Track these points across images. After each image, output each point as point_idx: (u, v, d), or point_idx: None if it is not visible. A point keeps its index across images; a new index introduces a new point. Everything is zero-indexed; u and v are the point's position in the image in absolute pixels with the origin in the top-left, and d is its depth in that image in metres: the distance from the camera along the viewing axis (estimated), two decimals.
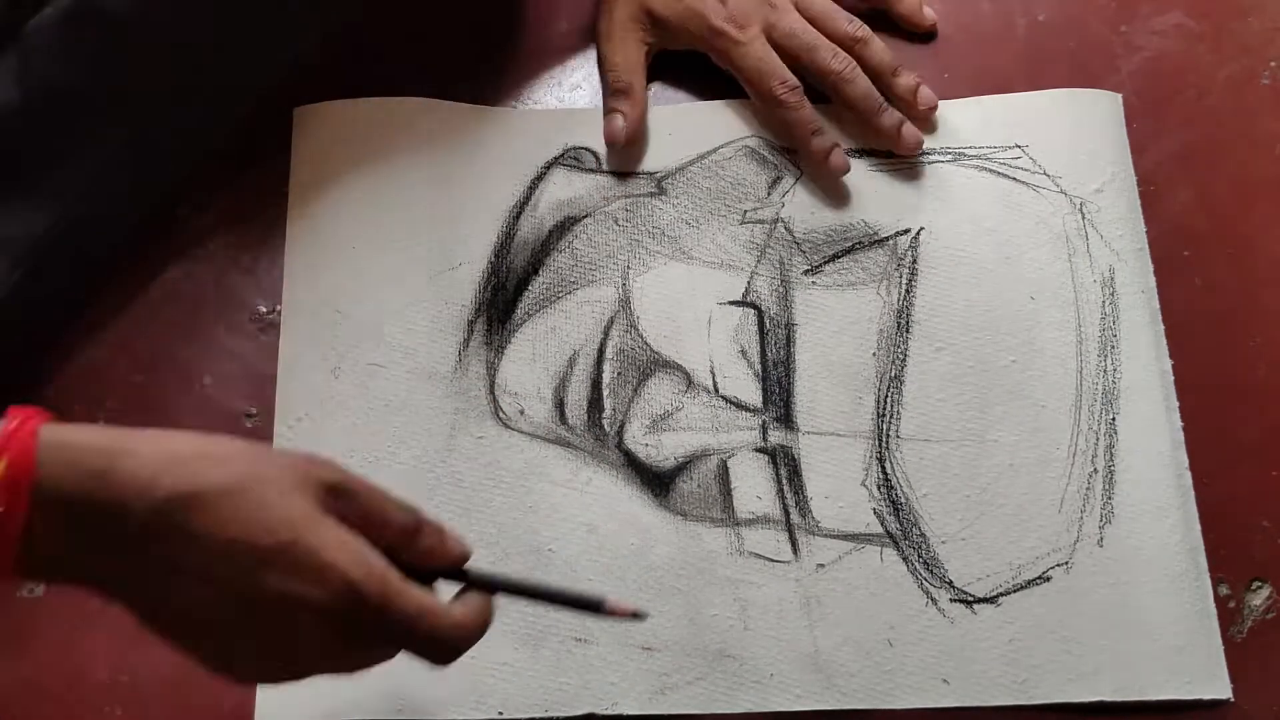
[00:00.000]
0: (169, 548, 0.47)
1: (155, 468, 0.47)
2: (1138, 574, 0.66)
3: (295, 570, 0.48)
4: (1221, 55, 0.81)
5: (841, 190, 0.76)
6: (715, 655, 0.65)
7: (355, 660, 0.53)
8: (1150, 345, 0.72)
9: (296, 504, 0.49)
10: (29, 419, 0.47)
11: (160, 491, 0.47)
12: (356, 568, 0.49)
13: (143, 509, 0.47)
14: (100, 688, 0.64)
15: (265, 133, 0.77)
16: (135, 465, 0.47)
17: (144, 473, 0.47)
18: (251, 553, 0.48)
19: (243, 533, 0.48)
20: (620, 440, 0.70)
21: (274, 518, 0.48)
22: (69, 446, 0.47)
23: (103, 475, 0.47)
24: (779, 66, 0.76)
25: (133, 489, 0.47)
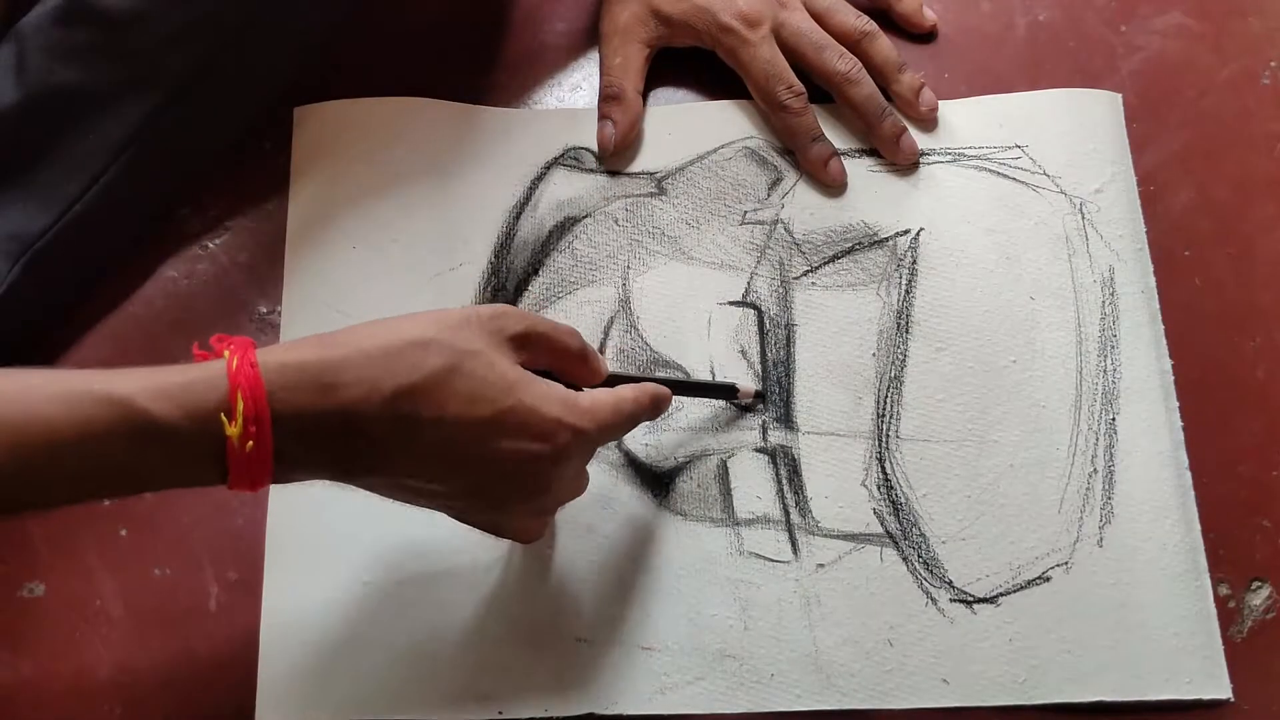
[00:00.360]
0: (404, 437, 0.53)
1: (374, 369, 0.52)
2: (1138, 574, 0.66)
3: (523, 429, 0.55)
4: (1221, 55, 0.81)
5: (842, 190, 0.76)
6: (715, 655, 0.65)
7: (583, 477, 0.62)
8: (1150, 345, 0.72)
9: (503, 369, 0.55)
10: (244, 352, 0.51)
11: (386, 389, 0.52)
12: (569, 412, 0.56)
13: (373, 410, 0.52)
14: (100, 688, 0.64)
15: (265, 133, 0.77)
16: (355, 373, 0.52)
17: (366, 377, 0.52)
18: (480, 424, 0.54)
19: (468, 408, 0.53)
20: (620, 440, 0.70)
21: (490, 388, 0.54)
22: (289, 367, 0.51)
23: (330, 388, 0.52)
24: (785, 70, 0.76)
25: (359, 393, 0.52)
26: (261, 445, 0.50)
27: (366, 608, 0.66)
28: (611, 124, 0.76)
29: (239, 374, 0.50)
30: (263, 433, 0.50)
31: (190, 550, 0.67)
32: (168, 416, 0.49)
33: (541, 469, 0.56)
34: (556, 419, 0.56)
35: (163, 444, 0.50)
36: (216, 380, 0.50)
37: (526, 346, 0.57)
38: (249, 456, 0.50)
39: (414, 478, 0.55)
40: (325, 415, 0.52)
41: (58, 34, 0.67)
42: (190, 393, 0.50)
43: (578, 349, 0.60)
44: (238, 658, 0.65)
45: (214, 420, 0.50)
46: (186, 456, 0.51)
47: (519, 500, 0.59)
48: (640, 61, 0.78)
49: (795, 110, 0.76)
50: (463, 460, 0.55)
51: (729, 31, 0.76)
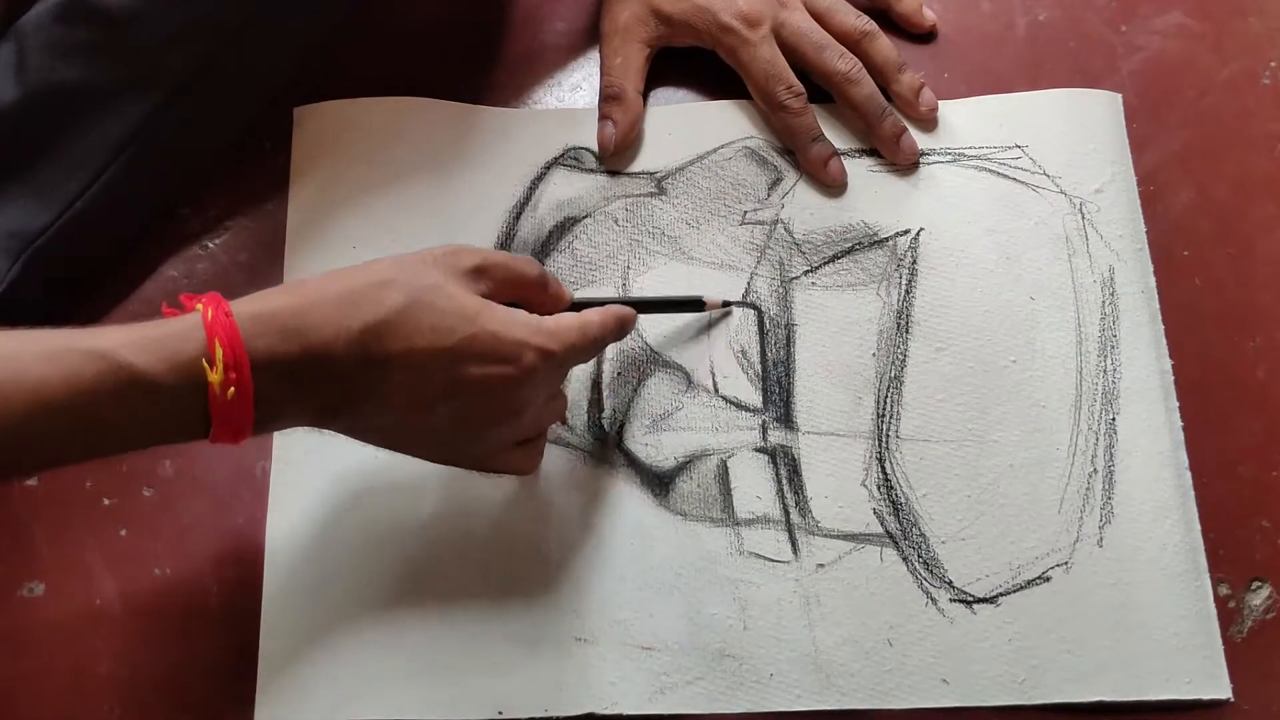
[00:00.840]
0: (376, 373, 0.55)
1: (340, 311, 0.55)
2: (1137, 574, 0.66)
3: (488, 354, 0.57)
4: (1221, 55, 0.81)
5: (842, 191, 0.76)
6: (715, 655, 0.65)
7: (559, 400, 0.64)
8: (1150, 345, 0.72)
9: (463, 299, 0.57)
10: (216, 303, 0.53)
11: (354, 328, 0.54)
12: (532, 334, 0.58)
13: (343, 346, 0.54)
14: (100, 687, 0.64)
15: (265, 133, 0.77)
16: (323, 313, 0.54)
17: (333, 318, 0.54)
18: (446, 352, 0.56)
19: (433, 339, 0.56)
20: (620, 440, 0.70)
21: (452, 317, 0.56)
22: (261, 316, 0.54)
23: (300, 331, 0.54)
24: (785, 70, 0.76)
25: (328, 334, 0.54)
26: (242, 391, 0.52)
27: (366, 608, 0.66)
28: (612, 124, 0.76)
29: (215, 324, 0.52)
30: (243, 378, 0.52)
31: (190, 550, 0.67)
32: (150, 368, 0.51)
33: (511, 391, 0.58)
34: (521, 340, 0.58)
35: (147, 395, 0.51)
36: (193, 331, 0.52)
37: (484, 277, 0.59)
38: (231, 403, 0.52)
39: (390, 414, 0.57)
40: (299, 358, 0.54)
41: (58, 32, 0.67)
42: (170, 344, 0.52)
43: (536, 275, 0.62)
44: (238, 658, 0.65)
45: (195, 369, 0.52)
46: (170, 407, 0.52)
47: (494, 424, 0.60)
48: (640, 61, 0.78)
49: (795, 110, 0.76)
50: (434, 391, 0.57)
51: (729, 31, 0.76)
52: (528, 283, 0.62)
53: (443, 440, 0.61)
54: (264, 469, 0.69)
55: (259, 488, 0.68)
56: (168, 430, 0.53)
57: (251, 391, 0.53)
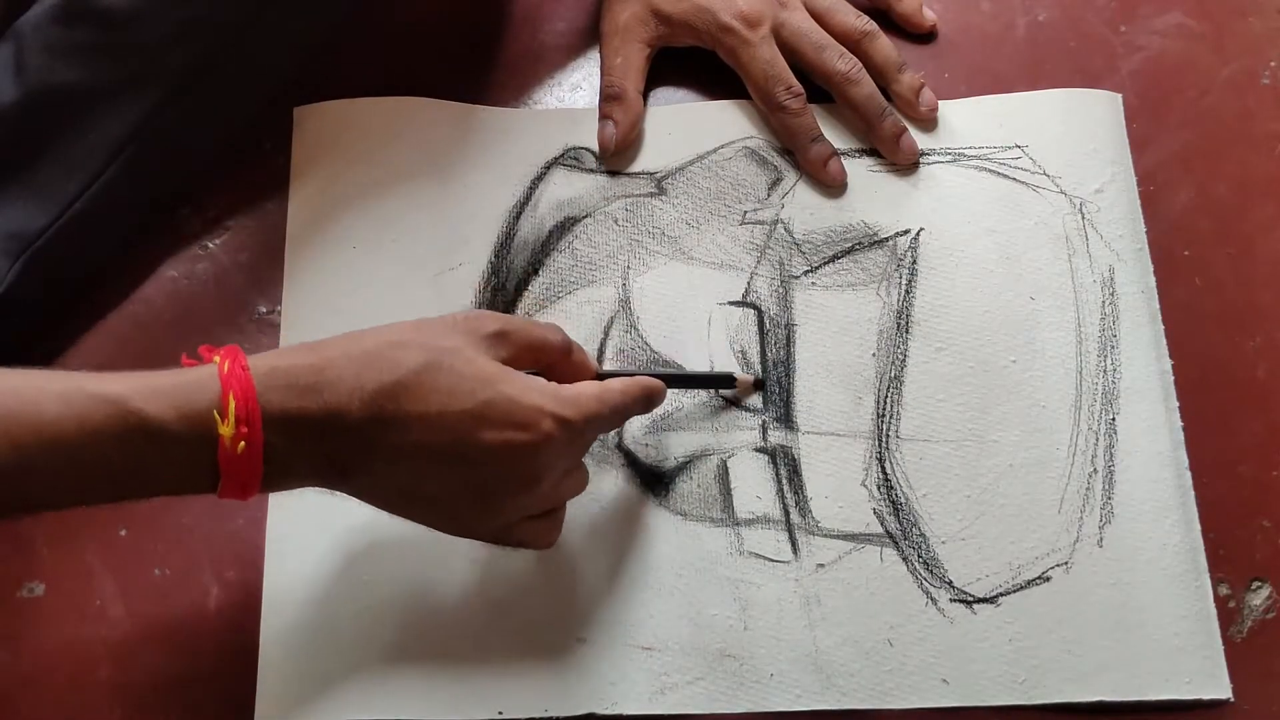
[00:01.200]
0: (389, 433, 0.54)
1: (356, 370, 0.54)
2: (1137, 574, 0.66)
3: (505, 419, 0.56)
4: (1221, 55, 0.81)
5: (841, 191, 0.76)
6: (715, 655, 0.65)
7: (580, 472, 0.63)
8: (1150, 345, 0.72)
9: (481, 364, 0.57)
10: (234, 356, 0.53)
11: (368, 388, 0.54)
12: (551, 401, 0.57)
13: (356, 409, 0.54)
14: (100, 688, 0.64)
15: (265, 133, 0.77)
16: (338, 373, 0.54)
17: (348, 377, 0.54)
18: (462, 416, 0.55)
19: (448, 402, 0.55)
20: (620, 440, 0.70)
21: (469, 382, 0.56)
22: (278, 371, 0.53)
23: (315, 388, 0.53)
24: (785, 71, 0.76)
25: (343, 392, 0.54)
26: (252, 446, 0.52)
27: (366, 607, 0.66)
28: (612, 124, 0.76)
29: (231, 376, 0.52)
30: (254, 433, 0.52)
31: (190, 550, 0.67)
32: (161, 416, 0.51)
33: (527, 459, 0.57)
34: (538, 407, 0.57)
35: (156, 443, 0.51)
36: (208, 382, 0.52)
37: (504, 342, 0.59)
38: (240, 457, 0.52)
39: (402, 476, 0.56)
40: (312, 416, 0.53)
41: (57, 33, 0.67)
42: (183, 393, 0.52)
43: (559, 343, 0.61)
44: (238, 658, 0.65)
45: (206, 421, 0.51)
46: (179, 457, 0.52)
47: (510, 494, 0.58)
48: (641, 61, 0.78)
49: (794, 111, 0.76)
50: (447, 454, 0.56)
51: (729, 31, 0.76)
52: (550, 349, 0.61)
53: (456, 509, 0.59)
54: None
55: None
56: (175, 480, 0.53)
57: (262, 446, 0.52)
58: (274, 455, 0.53)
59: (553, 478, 0.60)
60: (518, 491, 0.59)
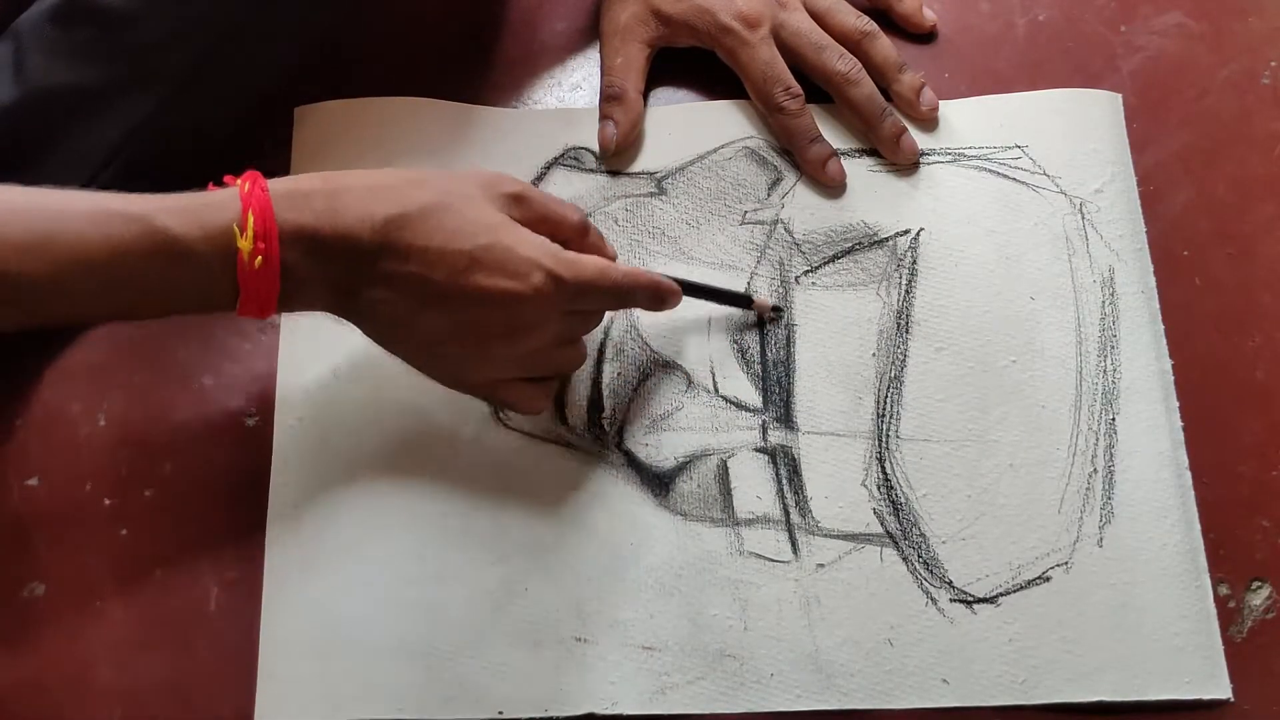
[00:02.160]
0: (391, 260, 0.58)
1: (369, 197, 0.58)
2: (1137, 574, 0.66)
3: (498, 267, 0.59)
4: (1221, 55, 0.81)
5: (841, 191, 0.76)
6: (715, 655, 0.65)
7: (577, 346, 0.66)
8: (1150, 345, 0.72)
9: (488, 212, 0.60)
10: (255, 179, 0.57)
11: (379, 216, 0.57)
12: (546, 256, 0.60)
13: (366, 231, 0.57)
14: (100, 688, 0.64)
15: (265, 133, 0.77)
16: (353, 198, 0.58)
17: (361, 203, 0.57)
18: (459, 256, 0.58)
19: (449, 240, 0.58)
20: (620, 440, 0.70)
21: (472, 225, 0.59)
22: (296, 193, 0.57)
23: (330, 211, 0.57)
24: (784, 72, 0.76)
25: (354, 217, 0.57)
26: (269, 261, 0.55)
27: (366, 608, 0.66)
28: (613, 124, 0.76)
29: (251, 196, 0.56)
30: (270, 250, 0.55)
31: (190, 550, 0.67)
32: (184, 232, 0.54)
33: (517, 307, 0.60)
34: (533, 259, 0.59)
35: (180, 259, 0.54)
36: (230, 202, 0.56)
37: (520, 205, 0.62)
38: (258, 273, 0.55)
39: (397, 306, 0.59)
40: (325, 236, 0.57)
41: (55, 33, 0.67)
42: (205, 211, 0.55)
43: (576, 221, 0.64)
44: (238, 658, 0.65)
45: (227, 236, 0.55)
46: (201, 273, 0.55)
47: (497, 342, 0.61)
48: (641, 61, 0.78)
49: (792, 112, 0.76)
50: (440, 291, 0.59)
51: (728, 32, 0.76)
52: (565, 224, 0.63)
53: (445, 351, 0.62)
54: (264, 469, 0.69)
55: (259, 488, 0.68)
56: (198, 296, 0.56)
57: (278, 262, 0.56)
58: (289, 273, 0.56)
59: (542, 336, 0.62)
60: (505, 340, 0.61)
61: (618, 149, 0.76)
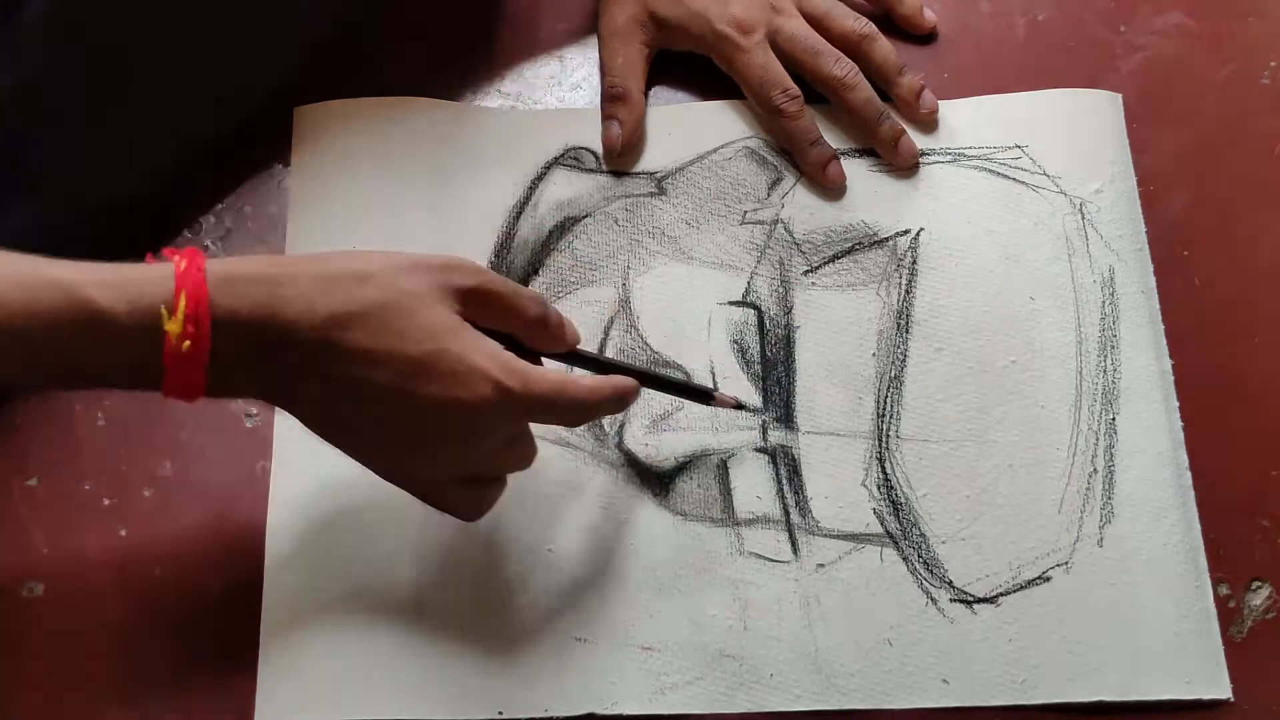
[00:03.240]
0: (331, 362, 0.54)
1: (312, 292, 0.54)
2: (1137, 574, 0.66)
3: (446, 376, 0.55)
4: (1221, 55, 0.81)
5: (842, 193, 0.76)
6: (715, 655, 0.65)
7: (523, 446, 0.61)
8: (1150, 345, 0.72)
9: (439, 315, 0.56)
10: (193, 258, 0.53)
11: (321, 312, 0.54)
12: (498, 368, 0.56)
13: (305, 329, 0.54)
14: (100, 687, 0.64)
15: (265, 133, 0.77)
16: (295, 291, 0.54)
17: (304, 296, 0.54)
18: (404, 362, 0.55)
19: (395, 344, 0.55)
20: (620, 440, 0.70)
21: (421, 330, 0.55)
22: (236, 278, 0.53)
23: (268, 303, 0.53)
24: (781, 75, 0.76)
25: (295, 311, 0.53)
26: (198, 347, 0.52)
27: (366, 608, 0.66)
28: (618, 124, 0.76)
29: (185, 276, 0.52)
30: (200, 334, 0.52)
31: (190, 550, 0.67)
32: (110, 306, 0.51)
33: (460, 419, 0.56)
34: (481, 370, 0.56)
35: (103, 333, 0.51)
36: (164, 279, 0.52)
37: (474, 302, 0.58)
38: (185, 356, 0.52)
39: (337, 405, 0.56)
40: (261, 327, 0.53)
41: (53, 30, 0.67)
42: (135, 287, 0.52)
43: (536, 315, 0.60)
44: (238, 657, 0.65)
45: (155, 315, 0.52)
46: (126, 349, 0.52)
47: (441, 448, 0.58)
48: (641, 61, 0.78)
49: (791, 114, 0.76)
50: (384, 396, 0.55)
51: (723, 38, 0.76)
52: (524, 319, 0.60)
53: (386, 451, 0.59)
54: (264, 469, 0.69)
55: (259, 488, 0.68)
56: (123, 373, 0.54)
57: (208, 349, 0.52)
58: (219, 361, 0.53)
59: (488, 445, 0.59)
60: (449, 448, 0.58)
61: (623, 149, 0.76)
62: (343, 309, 0.54)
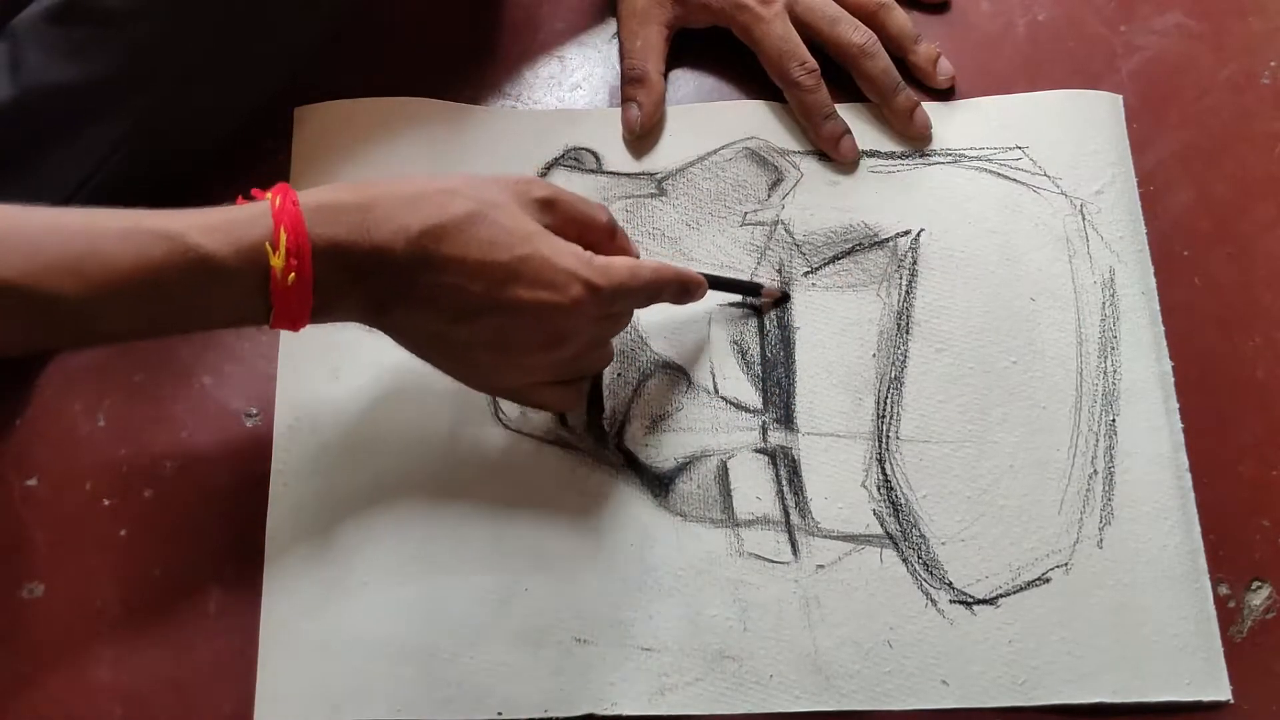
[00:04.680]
0: (428, 273, 0.57)
1: (402, 208, 0.57)
2: (1137, 575, 0.66)
3: (536, 278, 0.58)
4: (1221, 55, 0.81)
5: (841, 191, 0.76)
6: (715, 656, 0.65)
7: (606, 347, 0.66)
8: (1150, 346, 0.72)
9: (524, 222, 0.59)
10: (285, 193, 0.56)
11: (413, 228, 0.56)
12: (581, 265, 0.60)
13: (401, 244, 0.56)
14: (100, 688, 0.64)
15: (265, 133, 0.77)
16: (385, 211, 0.56)
17: (395, 216, 0.56)
18: (498, 268, 0.58)
19: (487, 252, 0.57)
20: (620, 440, 0.70)
21: (508, 236, 0.58)
22: (327, 207, 0.56)
23: (362, 224, 0.56)
24: (799, 47, 0.76)
25: (389, 230, 0.56)
26: (302, 277, 0.55)
27: (366, 608, 0.66)
28: (637, 106, 0.77)
29: (282, 211, 0.55)
30: (303, 265, 0.54)
31: (190, 550, 0.67)
32: (217, 250, 0.53)
33: (555, 319, 0.59)
34: (570, 270, 0.59)
35: (213, 277, 0.54)
36: (261, 218, 0.55)
37: (551, 210, 0.61)
38: (290, 289, 0.55)
39: (435, 317, 0.59)
40: (358, 250, 0.56)
41: (54, 30, 0.67)
42: (237, 228, 0.54)
43: (605, 222, 0.64)
44: (238, 658, 0.65)
45: (259, 253, 0.54)
46: (234, 289, 0.55)
47: (534, 351, 0.61)
48: (660, 43, 0.78)
49: (808, 87, 0.76)
50: (479, 303, 0.58)
51: (743, 9, 0.77)
52: (594, 227, 0.63)
53: (480, 359, 0.61)
54: (264, 469, 0.69)
55: (259, 488, 0.68)
56: (231, 312, 0.56)
57: (311, 278, 0.55)
58: (322, 287, 0.55)
59: (578, 343, 0.62)
60: (542, 350, 0.61)
61: (642, 130, 0.77)
62: (434, 222, 0.57)
